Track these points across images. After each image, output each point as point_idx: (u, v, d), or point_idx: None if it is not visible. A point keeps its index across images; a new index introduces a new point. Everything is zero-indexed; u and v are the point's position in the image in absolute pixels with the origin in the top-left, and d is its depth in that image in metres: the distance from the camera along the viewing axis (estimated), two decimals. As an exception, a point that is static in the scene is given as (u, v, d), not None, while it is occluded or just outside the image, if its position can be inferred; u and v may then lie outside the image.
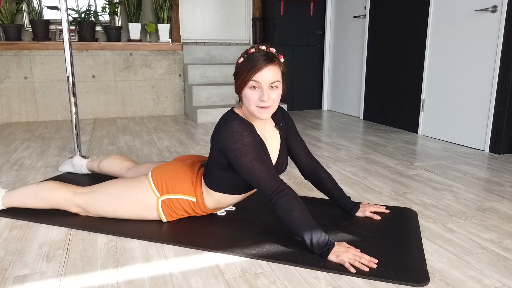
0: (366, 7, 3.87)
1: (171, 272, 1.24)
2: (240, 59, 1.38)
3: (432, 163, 2.47)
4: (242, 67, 1.35)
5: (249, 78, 1.32)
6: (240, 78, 1.35)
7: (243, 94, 1.37)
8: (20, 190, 1.64)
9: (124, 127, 3.67)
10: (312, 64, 4.64)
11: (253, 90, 1.34)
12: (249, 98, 1.35)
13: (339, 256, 1.26)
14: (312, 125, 3.74)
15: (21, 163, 2.46)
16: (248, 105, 1.37)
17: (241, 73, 1.34)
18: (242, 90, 1.37)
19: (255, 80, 1.32)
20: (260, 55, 1.33)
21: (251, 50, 1.37)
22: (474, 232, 1.52)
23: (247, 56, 1.36)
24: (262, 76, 1.32)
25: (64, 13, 2.22)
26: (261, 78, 1.32)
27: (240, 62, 1.37)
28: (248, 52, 1.37)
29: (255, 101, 1.34)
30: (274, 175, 1.34)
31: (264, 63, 1.32)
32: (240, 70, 1.36)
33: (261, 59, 1.32)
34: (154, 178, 1.52)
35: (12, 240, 1.45)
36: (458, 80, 2.95)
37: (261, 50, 1.36)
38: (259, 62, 1.32)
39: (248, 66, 1.32)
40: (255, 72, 1.32)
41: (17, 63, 3.81)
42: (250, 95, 1.34)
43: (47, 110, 3.97)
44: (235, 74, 1.39)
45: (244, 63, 1.35)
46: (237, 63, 1.39)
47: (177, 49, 4.28)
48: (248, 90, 1.35)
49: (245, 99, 1.37)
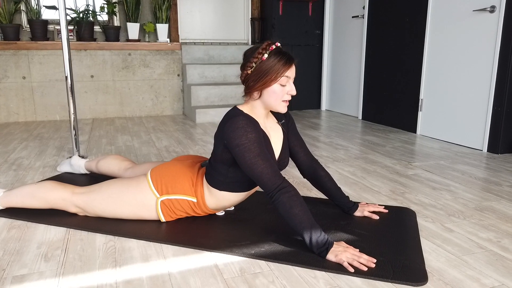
0: (365, 7, 3.88)
1: (169, 272, 1.24)
2: (262, 56, 1.36)
3: (430, 163, 2.47)
4: (271, 63, 1.35)
5: (282, 74, 1.36)
6: (270, 74, 1.35)
7: (270, 90, 1.38)
8: (18, 190, 1.64)
9: (123, 127, 3.67)
10: (311, 64, 4.64)
11: (282, 85, 1.38)
12: (278, 93, 1.38)
13: (337, 256, 1.26)
14: (310, 125, 3.74)
15: (19, 163, 2.45)
16: (274, 100, 1.39)
17: (272, 69, 1.35)
18: (269, 87, 1.37)
19: (287, 76, 1.37)
20: (284, 52, 1.38)
21: (272, 47, 1.37)
22: (472, 232, 1.53)
23: (275, 51, 1.37)
24: (292, 71, 1.39)
25: (63, 12, 2.21)
26: (292, 73, 1.38)
27: (265, 59, 1.35)
28: (269, 49, 1.36)
29: (283, 95, 1.39)
30: (277, 171, 1.35)
31: (292, 58, 1.38)
32: (269, 66, 1.35)
33: (287, 55, 1.37)
34: (153, 179, 1.52)
35: (10, 240, 1.44)
36: (457, 80, 2.95)
37: (281, 47, 1.40)
38: (290, 58, 1.38)
39: (282, 61, 1.35)
40: (288, 67, 1.36)
41: (15, 63, 3.80)
42: (279, 90, 1.38)
43: (45, 110, 3.97)
44: (258, 72, 1.36)
45: (274, 59, 1.35)
46: (260, 60, 1.36)
47: (175, 49, 4.28)
48: (277, 86, 1.37)
49: (273, 95, 1.38)
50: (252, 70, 1.38)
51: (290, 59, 1.38)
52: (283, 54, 1.37)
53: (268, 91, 1.38)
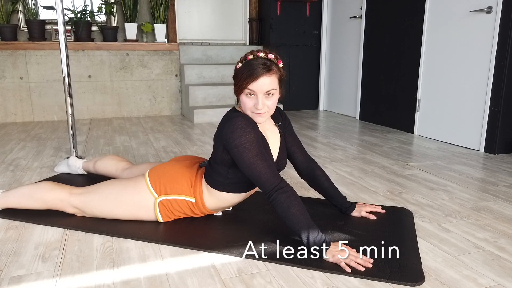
0: (362, 8, 3.89)
1: (167, 272, 1.24)
2: (238, 64, 1.40)
3: (427, 163, 2.48)
4: (239, 74, 1.37)
5: (245, 86, 1.35)
6: (237, 84, 1.37)
7: (240, 99, 1.40)
8: (16, 190, 1.64)
9: (121, 127, 3.66)
10: (309, 64, 4.65)
11: (249, 97, 1.37)
12: (245, 104, 1.38)
13: (335, 256, 1.27)
14: (308, 125, 3.74)
15: (16, 163, 2.45)
16: (244, 109, 1.40)
17: (238, 80, 1.36)
18: (239, 95, 1.40)
19: (250, 89, 1.35)
20: (258, 63, 1.34)
21: (249, 57, 1.37)
22: (469, 232, 1.53)
23: (245, 62, 1.37)
24: (257, 86, 1.34)
25: (60, 13, 2.21)
26: (256, 87, 1.34)
27: (238, 67, 1.39)
28: (246, 58, 1.38)
29: (251, 107, 1.38)
30: (275, 172, 1.36)
31: (261, 72, 1.33)
32: (237, 76, 1.38)
33: (258, 68, 1.33)
34: (151, 179, 1.52)
35: (7, 241, 1.44)
36: (454, 80, 2.96)
37: (259, 58, 1.36)
38: (256, 72, 1.32)
39: (244, 74, 1.34)
40: (251, 82, 1.33)
41: (12, 63, 3.79)
42: (246, 101, 1.38)
43: (43, 110, 3.96)
44: (234, 77, 1.41)
45: (241, 70, 1.36)
46: (236, 67, 1.40)
47: (173, 49, 4.28)
48: (244, 97, 1.38)
49: (242, 104, 1.40)
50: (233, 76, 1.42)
51: (258, 72, 1.32)
52: (250, 66, 1.33)
53: (240, 100, 1.40)
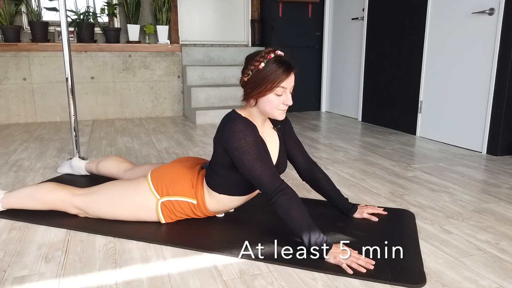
0: (364, 9, 3.89)
1: (169, 273, 1.25)
2: (259, 64, 1.35)
3: (429, 165, 2.48)
4: (267, 74, 1.34)
5: (277, 84, 1.34)
6: (265, 84, 1.34)
7: (265, 99, 1.37)
8: (19, 191, 1.64)
9: (123, 128, 3.67)
10: (311, 65, 4.65)
11: (279, 95, 1.36)
12: (273, 103, 1.37)
13: (336, 257, 1.27)
14: (310, 127, 3.75)
15: (19, 164, 2.46)
16: (269, 109, 1.39)
17: (267, 80, 1.34)
18: (264, 96, 1.37)
19: (283, 86, 1.35)
20: (285, 60, 1.36)
21: (270, 55, 1.35)
22: (470, 234, 1.53)
23: (273, 61, 1.35)
24: (289, 81, 1.36)
25: (63, 14, 2.22)
26: (288, 83, 1.36)
27: (261, 67, 1.34)
28: (267, 58, 1.35)
29: (277, 105, 1.38)
30: (275, 174, 1.36)
31: (291, 67, 1.36)
32: (265, 76, 1.34)
33: (286, 65, 1.35)
34: (153, 180, 1.53)
35: (11, 241, 1.45)
36: (456, 82, 2.96)
37: (280, 56, 1.37)
38: (289, 68, 1.35)
39: (276, 73, 1.33)
40: (285, 78, 1.34)
41: (15, 64, 3.81)
42: (274, 100, 1.37)
43: (45, 111, 3.98)
44: (253, 80, 1.36)
45: (271, 69, 1.34)
46: (256, 68, 1.35)
47: (175, 51, 4.29)
48: (272, 95, 1.36)
49: (267, 104, 1.38)
50: (248, 78, 1.38)
51: (288, 69, 1.35)
52: (281, 64, 1.35)
53: (263, 100, 1.38)
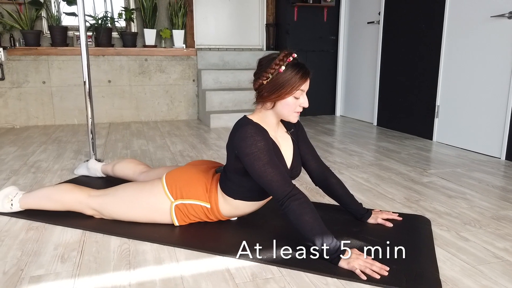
0: (380, 13, 3.86)
1: (182, 275, 1.26)
2: (279, 68, 1.34)
3: (446, 170, 2.44)
4: (289, 77, 1.34)
5: (297, 87, 1.36)
6: (286, 87, 1.35)
7: (284, 102, 1.38)
8: (37, 192, 1.68)
9: (138, 131, 3.72)
10: (325, 69, 4.63)
11: (296, 98, 1.38)
12: (291, 105, 1.39)
13: (350, 263, 1.26)
14: (324, 131, 3.73)
15: (38, 165, 2.51)
16: (287, 111, 1.40)
17: (288, 83, 1.35)
18: (282, 100, 1.38)
19: (302, 89, 1.37)
20: (301, 65, 1.37)
21: (289, 58, 1.36)
22: (488, 241, 1.50)
23: (292, 64, 1.36)
24: (307, 84, 1.39)
25: (82, 19, 2.27)
26: (306, 86, 1.39)
27: (282, 71, 1.35)
28: (286, 61, 1.35)
29: (294, 107, 1.39)
30: (287, 179, 1.35)
31: (308, 72, 1.38)
32: (285, 79, 1.34)
33: (304, 68, 1.37)
34: (168, 183, 1.54)
35: (28, 241, 1.48)
36: (474, 86, 2.91)
37: (298, 59, 1.39)
38: (307, 71, 1.37)
39: (298, 75, 1.35)
40: (304, 81, 1.36)
41: (35, 68, 3.90)
42: (292, 102, 1.38)
43: (63, 114, 4.05)
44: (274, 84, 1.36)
45: (292, 72, 1.35)
46: (277, 72, 1.35)
47: (191, 55, 4.33)
48: (291, 98, 1.38)
49: (286, 107, 1.39)
50: (268, 81, 1.38)
51: (307, 72, 1.37)
52: (300, 68, 1.36)
53: (281, 103, 1.39)
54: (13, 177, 2.26)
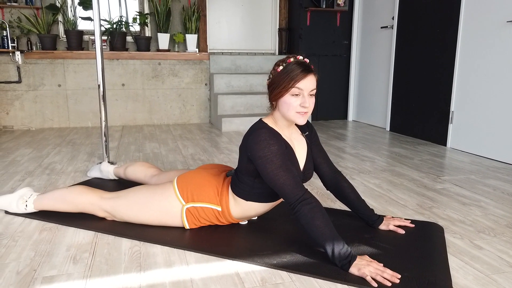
0: (394, 18, 3.84)
1: (192, 278, 1.26)
2: (278, 68, 1.40)
3: (460, 177, 2.40)
4: (283, 75, 1.38)
5: (293, 85, 1.36)
6: (281, 85, 1.38)
7: (282, 101, 1.40)
8: (50, 194, 1.70)
9: (151, 134, 3.75)
10: (338, 74, 4.62)
11: (294, 97, 1.38)
12: (290, 104, 1.39)
13: (360, 269, 1.25)
14: (336, 136, 3.71)
15: (52, 167, 2.55)
16: (287, 111, 1.40)
17: (283, 81, 1.37)
18: (281, 98, 1.40)
19: (298, 87, 1.37)
20: (302, 64, 1.38)
21: (290, 60, 1.40)
22: (503, 250, 1.47)
23: (288, 64, 1.39)
24: (305, 83, 1.37)
25: (97, 23, 2.30)
26: (304, 85, 1.37)
27: (279, 70, 1.40)
28: (287, 61, 1.40)
29: (295, 107, 1.39)
30: (299, 183, 1.35)
31: (309, 70, 1.38)
32: (281, 78, 1.38)
33: (303, 67, 1.37)
34: (179, 186, 1.55)
35: (41, 242, 1.50)
36: (489, 92, 2.87)
37: (300, 60, 1.40)
38: (305, 70, 1.37)
39: (292, 74, 1.36)
40: (300, 79, 1.36)
41: (51, 71, 3.97)
42: (291, 101, 1.38)
43: (78, 116, 4.12)
44: (272, 82, 1.42)
45: (286, 71, 1.38)
46: (276, 71, 1.41)
47: (203, 59, 4.36)
48: (289, 97, 1.38)
49: (285, 105, 1.40)
50: (269, 81, 1.43)
51: (304, 71, 1.37)
52: (299, 65, 1.38)
53: (281, 102, 1.40)
54: (28, 178, 2.30)
